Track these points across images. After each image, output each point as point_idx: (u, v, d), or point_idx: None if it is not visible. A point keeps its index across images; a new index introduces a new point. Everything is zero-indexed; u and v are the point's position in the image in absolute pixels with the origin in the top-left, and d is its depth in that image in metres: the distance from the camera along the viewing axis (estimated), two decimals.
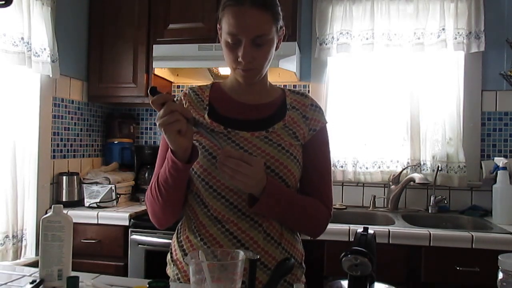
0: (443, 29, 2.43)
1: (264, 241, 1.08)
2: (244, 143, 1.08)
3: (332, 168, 2.57)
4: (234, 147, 1.07)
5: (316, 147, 1.15)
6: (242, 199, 1.06)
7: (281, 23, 1.09)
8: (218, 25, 1.10)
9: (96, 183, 2.47)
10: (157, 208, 1.08)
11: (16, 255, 2.11)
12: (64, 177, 2.42)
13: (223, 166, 0.95)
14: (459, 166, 2.45)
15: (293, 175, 1.09)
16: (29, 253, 2.23)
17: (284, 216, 1.09)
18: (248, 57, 1.03)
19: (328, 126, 1.20)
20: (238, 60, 1.04)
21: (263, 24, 1.03)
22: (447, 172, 2.48)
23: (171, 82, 2.88)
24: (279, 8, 1.08)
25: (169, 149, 0.99)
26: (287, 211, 1.07)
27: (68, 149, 2.55)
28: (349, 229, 1.94)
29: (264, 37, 1.03)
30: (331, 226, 1.20)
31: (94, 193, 2.41)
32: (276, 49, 1.11)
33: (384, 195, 2.57)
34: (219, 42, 1.10)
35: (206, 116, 1.12)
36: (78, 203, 2.43)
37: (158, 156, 1.16)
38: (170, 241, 1.22)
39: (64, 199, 2.40)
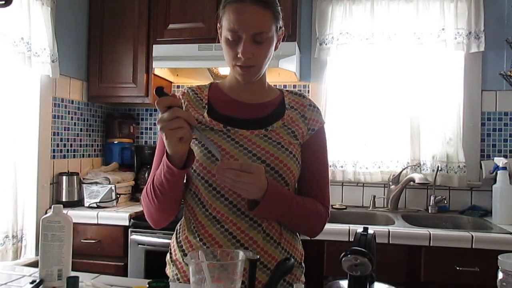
0: (443, 29, 2.44)
1: (264, 241, 1.08)
2: (244, 141, 1.08)
3: (332, 168, 2.57)
4: (234, 145, 1.07)
5: (314, 146, 1.16)
6: (241, 198, 1.06)
7: (281, 23, 1.10)
8: (218, 24, 1.10)
9: (96, 183, 2.47)
10: (153, 209, 1.09)
11: (16, 255, 2.11)
12: (64, 177, 2.42)
13: (222, 177, 0.94)
14: (459, 166, 2.45)
15: (292, 173, 1.09)
16: (29, 253, 2.22)
17: (284, 217, 1.09)
18: (247, 53, 1.03)
19: (325, 126, 1.21)
20: (238, 56, 1.04)
21: (263, 21, 1.03)
22: (447, 172, 2.48)
23: (171, 82, 2.88)
24: (279, 8, 1.09)
25: (165, 154, 0.98)
26: (287, 213, 1.07)
27: (68, 149, 2.55)
28: (349, 229, 1.94)
29: (264, 34, 1.04)
30: (331, 226, 1.21)
31: (94, 193, 2.41)
32: (275, 49, 1.12)
33: (384, 195, 2.57)
34: (219, 42, 1.11)
35: (205, 114, 1.12)
36: (78, 203, 2.43)
37: (155, 156, 1.16)
38: (169, 241, 1.22)
39: (64, 199, 2.40)
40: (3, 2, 1.21)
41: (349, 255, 0.83)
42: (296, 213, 1.08)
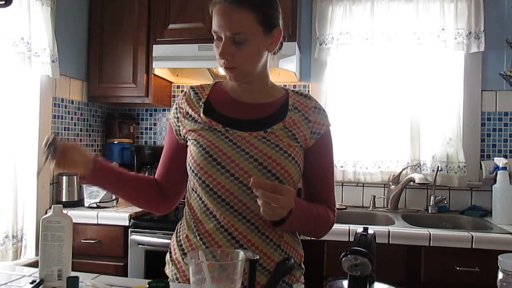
0: (443, 29, 2.44)
1: (263, 243, 1.07)
2: (242, 142, 1.07)
3: None
4: (231, 146, 1.07)
5: (320, 150, 1.14)
6: (238, 200, 1.05)
7: (275, 22, 1.08)
8: None
9: None
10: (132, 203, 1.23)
11: (16, 255, 2.11)
12: (64, 177, 2.42)
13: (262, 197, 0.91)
14: (459, 166, 2.45)
15: (291, 176, 1.07)
16: (29, 253, 2.23)
17: (300, 228, 1.12)
18: (225, 54, 1.03)
19: (331, 128, 1.18)
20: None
21: (240, 22, 1.02)
22: (447, 172, 2.48)
23: (171, 82, 2.88)
24: (270, 8, 1.06)
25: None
26: (304, 225, 1.08)
27: None
28: (349, 229, 1.94)
29: (242, 35, 1.02)
30: None
31: (94, 193, 2.41)
32: (270, 50, 1.11)
33: (384, 195, 2.57)
34: None
35: (201, 114, 1.12)
36: (78, 203, 2.43)
37: (162, 155, 1.24)
38: (169, 241, 1.22)
39: (64, 199, 2.40)
40: (3, 2, 1.21)
41: (349, 255, 0.83)
42: (311, 223, 1.10)
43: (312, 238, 1.20)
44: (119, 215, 2.22)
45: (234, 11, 1.02)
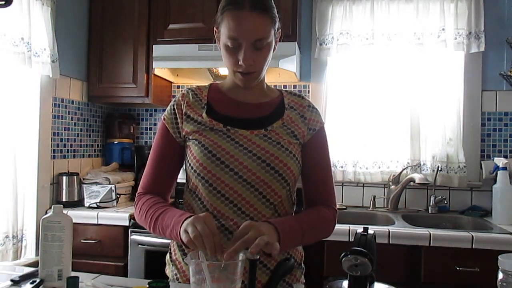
0: (443, 29, 2.43)
1: None
2: (244, 141, 1.09)
3: (332, 168, 2.56)
4: (234, 145, 1.08)
5: (317, 146, 1.17)
6: (242, 197, 1.06)
7: (278, 25, 1.11)
8: (215, 29, 1.11)
9: (96, 183, 2.47)
10: (146, 228, 1.11)
11: (16, 255, 2.11)
12: (64, 177, 2.42)
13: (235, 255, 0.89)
14: (459, 166, 2.45)
15: (292, 172, 1.10)
16: (29, 253, 2.23)
17: (300, 244, 1.13)
18: (248, 60, 1.04)
19: (325, 127, 1.22)
20: (239, 63, 1.05)
21: (263, 28, 1.04)
22: (447, 172, 2.48)
23: (171, 82, 2.88)
24: (276, 11, 1.09)
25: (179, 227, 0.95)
26: (302, 239, 1.07)
27: (68, 149, 2.55)
28: (349, 229, 1.94)
29: (264, 40, 1.05)
30: None
31: (94, 193, 2.41)
32: (273, 51, 1.12)
33: (384, 195, 2.57)
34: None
35: (204, 115, 1.12)
36: (78, 203, 2.43)
37: (149, 157, 1.17)
38: (169, 241, 1.22)
39: (64, 199, 2.40)
40: (3, 2, 1.20)
41: (349, 255, 0.83)
42: (308, 235, 1.08)
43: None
44: (119, 215, 2.22)
45: (257, 18, 1.02)
